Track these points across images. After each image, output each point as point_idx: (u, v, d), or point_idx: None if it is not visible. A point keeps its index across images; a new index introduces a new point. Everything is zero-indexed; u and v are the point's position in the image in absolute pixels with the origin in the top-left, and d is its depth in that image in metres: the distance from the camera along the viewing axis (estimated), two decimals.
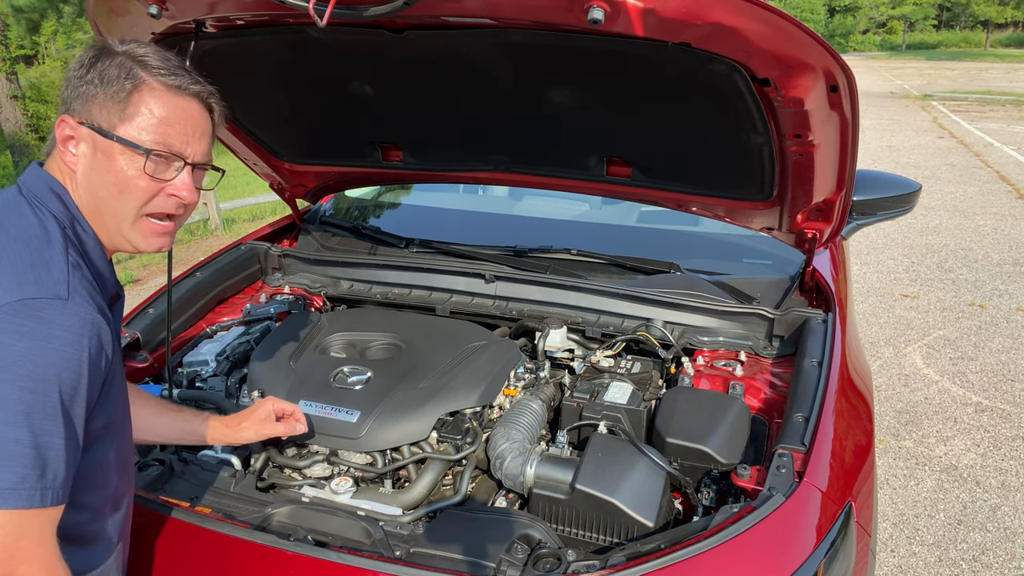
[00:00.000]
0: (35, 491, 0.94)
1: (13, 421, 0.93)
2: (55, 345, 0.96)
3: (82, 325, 0.99)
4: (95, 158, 1.09)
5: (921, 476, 3.41)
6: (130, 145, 1.08)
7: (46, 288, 0.98)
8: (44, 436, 0.95)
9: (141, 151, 1.09)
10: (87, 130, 1.09)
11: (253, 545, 1.34)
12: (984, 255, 6.57)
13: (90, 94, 1.08)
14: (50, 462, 0.96)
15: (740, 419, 1.71)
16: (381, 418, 1.69)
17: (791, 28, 1.34)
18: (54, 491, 0.96)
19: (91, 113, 1.08)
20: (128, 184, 1.10)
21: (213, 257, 2.55)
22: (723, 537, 1.27)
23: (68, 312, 0.98)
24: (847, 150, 1.67)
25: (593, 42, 1.51)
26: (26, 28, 11.97)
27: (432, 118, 2.08)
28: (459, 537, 1.41)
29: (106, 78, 1.08)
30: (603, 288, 2.20)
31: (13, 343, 0.93)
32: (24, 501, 0.93)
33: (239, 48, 1.84)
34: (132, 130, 1.08)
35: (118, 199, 1.11)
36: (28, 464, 0.93)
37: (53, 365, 0.95)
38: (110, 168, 1.09)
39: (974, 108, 17.20)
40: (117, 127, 1.08)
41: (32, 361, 0.94)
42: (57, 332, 0.96)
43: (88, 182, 1.10)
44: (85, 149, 1.10)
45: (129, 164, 1.09)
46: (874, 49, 50.10)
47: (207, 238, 7.76)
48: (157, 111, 1.10)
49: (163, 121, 1.10)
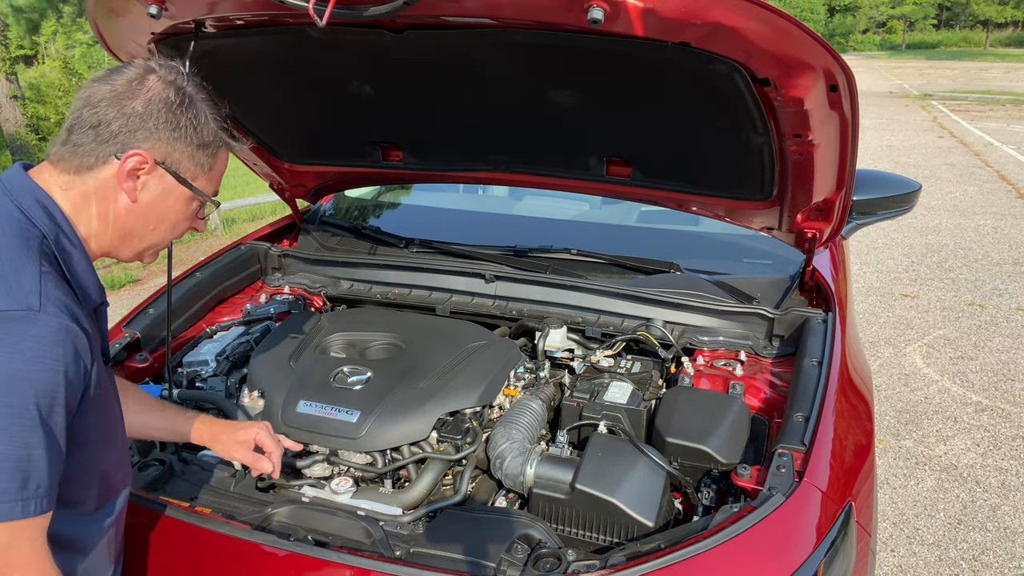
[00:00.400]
0: (17, 503, 0.94)
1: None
2: (27, 357, 0.95)
3: (55, 335, 0.98)
4: (162, 197, 1.16)
5: (921, 476, 3.41)
6: (204, 197, 1.21)
7: (16, 300, 0.97)
8: (24, 448, 0.95)
9: (211, 203, 1.23)
10: (163, 171, 1.14)
11: (253, 545, 1.34)
12: (984, 255, 6.57)
13: (179, 142, 1.14)
14: (32, 473, 0.96)
15: (740, 419, 1.71)
16: (381, 418, 1.69)
17: (791, 28, 1.34)
18: (37, 500, 0.96)
19: (175, 159, 1.14)
20: (180, 223, 1.22)
21: (213, 257, 2.55)
22: (723, 537, 1.27)
23: (40, 323, 0.97)
24: (847, 150, 1.67)
25: (593, 42, 1.51)
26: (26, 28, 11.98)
27: (432, 118, 2.08)
28: (459, 537, 1.41)
29: (197, 133, 1.15)
30: (603, 288, 2.20)
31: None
32: (6, 513, 0.94)
33: (239, 48, 1.84)
34: (206, 183, 1.21)
35: (165, 232, 1.21)
36: (8, 477, 0.94)
37: (27, 378, 0.95)
38: (172, 208, 1.18)
39: (974, 107, 17.20)
40: (198, 178, 1.19)
41: (5, 374, 0.93)
42: (29, 344, 0.96)
43: (145, 214, 1.16)
44: (153, 184, 1.14)
45: (189, 208, 1.21)
46: (874, 49, 50.10)
47: (207, 238, 7.76)
48: (221, 167, 1.24)
49: (220, 174, 1.25)
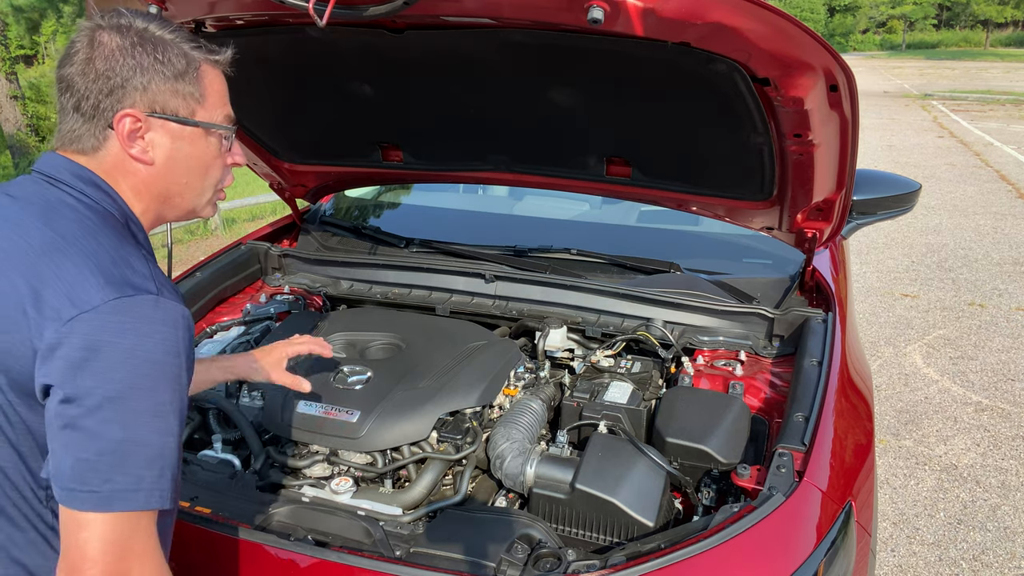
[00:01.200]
0: (153, 491, 0.93)
1: (127, 420, 0.91)
2: (157, 340, 0.94)
3: (176, 318, 0.97)
4: (176, 147, 1.08)
5: (921, 476, 3.41)
6: (215, 127, 1.11)
7: (137, 285, 0.96)
8: (161, 435, 0.93)
9: (226, 130, 1.13)
10: (159, 120, 1.06)
11: (253, 545, 1.34)
12: (984, 254, 6.57)
13: (154, 82, 1.04)
14: (167, 460, 0.94)
15: (740, 419, 1.71)
16: (381, 418, 1.69)
17: (791, 28, 1.34)
18: (171, 491, 0.95)
19: (161, 102, 1.05)
20: (211, 164, 1.13)
21: (213, 257, 2.55)
22: (723, 537, 1.27)
23: (161, 307, 0.96)
24: (847, 150, 1.66)
25: (593, 42, 1.51)
26: (26, 28, 11.97)
27: (432, 118, 2.08)
28: (459, 537, 1.41)
29: (168, 64, 1.05)
30: (603, 288, 2.20)
31: (117, 341, 0.91)
32: (141, 502, 0.92)
33: (239, 48, 1.83)
34: (209, 113, 1.11)
35: (202, 180, 1.13)
36: (146, 464, 0.92)
37: (158, 361, 0.93)
38: (194, 153, 1.10)
39: (974, 107, 17.20)
40: (197, 112, 1.09)
41: (139, 358, 0.92)
42: (157, 327, 0.94)
43: (169, 171, 1.09)
44: (159, 139, 1.07)
45: (210, 146, 1.12)
46: (874, 49, 50.10)
47: (207, 238, 7.76)
48: (218, 89, 1.12)
49: (223, 96, 1.14)
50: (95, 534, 0.91)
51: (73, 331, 0.91)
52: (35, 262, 0.96)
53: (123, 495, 0.91)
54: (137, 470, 0.92)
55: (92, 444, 0.90)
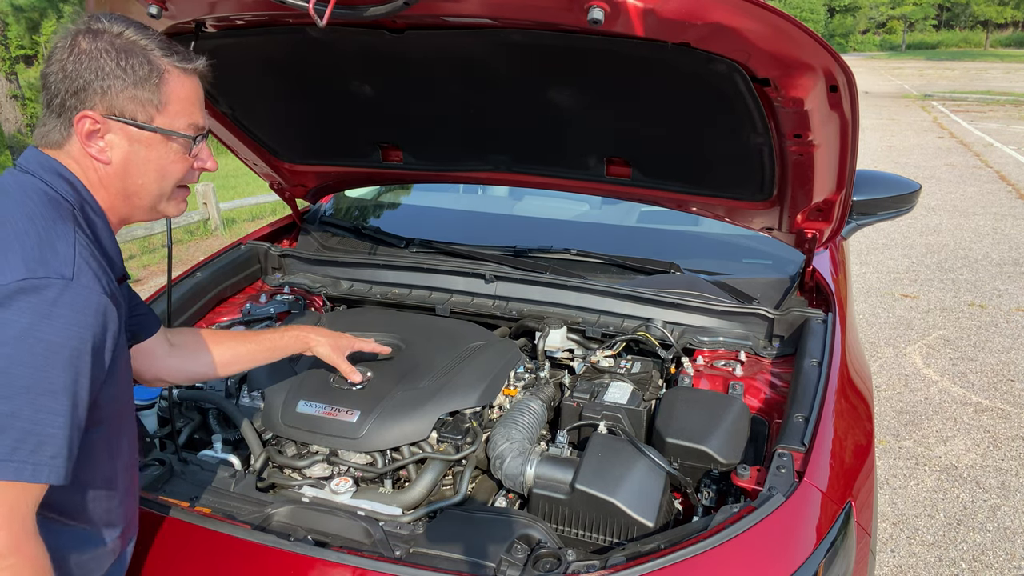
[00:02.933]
0: (25, 464, 0.94)
1: (10, 395, 0.93)
2: (59, 324, 0.96)
3: (86, 305, 0.99)
4: (132, 149, 1.13)
5: (921, 476, 3.41)
6: (173, 134, 1.15)
7: (52, 268, 0.98)
8: (42, 412, 0.95)
9: (185, 138, 1.16)
10: (118, 123, 1.11)
11: (253, 545, 1.34)
12: (984, 255, 6.57)
13: (113, 87, 1.09)
14: (47, 439, 0.96)
15: (740, 419, 1.71)
16: (381, 418, 1.69)
17: (791, 28, 1.34)
18: (50, 468, 0.96)
19: (119, 106, 1.10)
20: (168, 168, 1.17)
21: (213, 257, 2.55)
22: (723, 537, 1.27)
23: (72, 291, 0.98)
24: (847, 150, 1.66)
25: (593, 42, 1.51)
26: (26, 28, 11.96)
27: (432, 118, 2.08)
28: (459, 537, 1.41)
29: (129, 70, 1.10)
30: (603, 288, 2.20)
31: (16, 319, 0.94)
32: (11, 473, 0.93)
33: (239, 48, 1.84)
34: (169, 119, 1.14)
35: (159, 182, 1.17)
36: (20, 437, 0.94)
37: (56, 343, 0.96)
38: (150, 157, 1.14)
39: (974, 108, 17.20)
40: (155, 118, 1.13)
41: (34, 337, 0.94)
42: (62, 311, 0.97)
43: (126, 172, 1.14)
44: (117, 141, 1.12)
45: (169, 151, 1.16)
46: (874, 49, 50.11)
47: (207, 238, 7.76)
48: (183, 96, 1.16)
49: (190, 103, 1.17)
50: None
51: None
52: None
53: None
54: (12, 442, 0.94)
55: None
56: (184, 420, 1.88)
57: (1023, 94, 19.76)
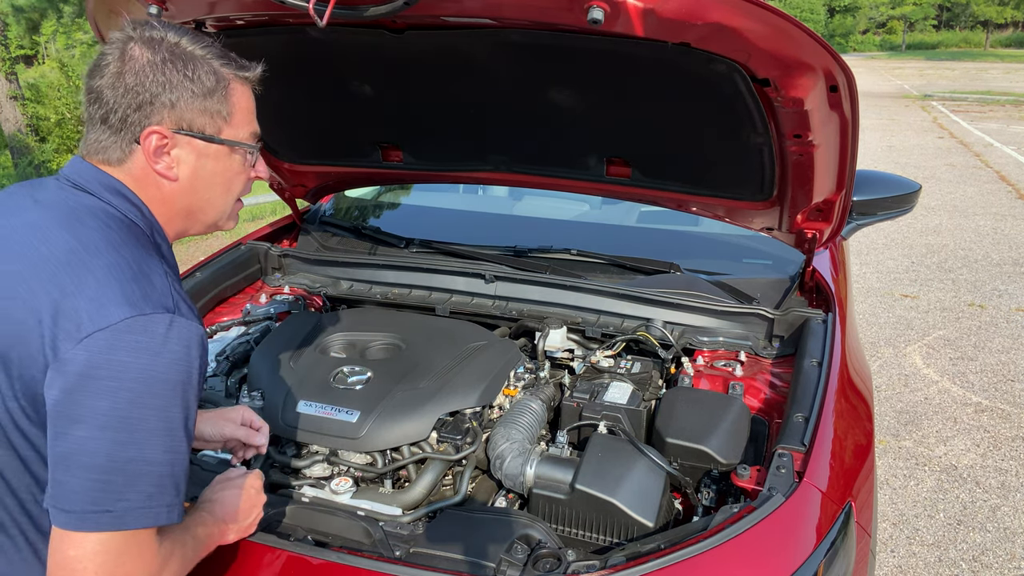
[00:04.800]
0: (161, 508, 0.94)
1: (139, 440, 0.92)
2: (169, 360, 0.94)
3: (190, 337, 0.98)
4: (200, 164, 1.10)
5: (921, 476, 3.41)
6: (240, 145, 1.13)
7: (154, 302, 0.96)
8: (170, 453, 0.95)
9: (251, 149, 1.15)
10: (185, 137, 1.08)
11: (253, 545, 1.34)
12: (984, 255, 6.57)
13: (182, 100, 1.05)
14: (176, 479, 0.96)
15: (740, 419, 1.71)
16: (381, 418, 1.69)
17: (791, 28, 1.34)
18: (177, 508, 0.97)
19: (188, 119, 1.07)
20: (233, 180, 1.16)
21: (213, 257, 2.55)
22: (723, 537, 1.27)
23: (177, 325, 0.96)
24: (847, 150, 1.66)
25: (593, 42, 1.51)
26: (26, 28, 11.96)
27: (432, 118, 2.08)
28: (459, 537, 1.41)
29: (196, 80, 1.06)
30: (603, 288, 2.20)
31: (131, 360, 0.92)
32: (151, 519, 0.93)
33: (239, 48, 1.82)
34: (235, 130, 1.12)
35: (224, 196, 1.16)
36: (155, 482, 0.93)
37: (170, 381, 0.94)
38: (216, 170, 1.12)
39: (974, 108, 17.20)
40: (223, 130, 1.11)
41: (151, 377, 0.93)
42: (172, 347, 0.95)
43: (193, 187, 1.11)
44: (184, 156, 1.09)
45: (233, 163, 1.14)
46: (874, 49, 50.11)
47: (207, 238, 7.75)
48: (245, 106, 1.14)
49: (250, 113, 1.16)
50: (86, 552, 0.91)
51: (87, 348, 0.91)
52: (56, 272, 0.96)
53: (135, 513, 0.92)
54: (147, 488, 0.93)
55: (102, 463, 0.90)
56: None
57: (1023, 94, 19.76)
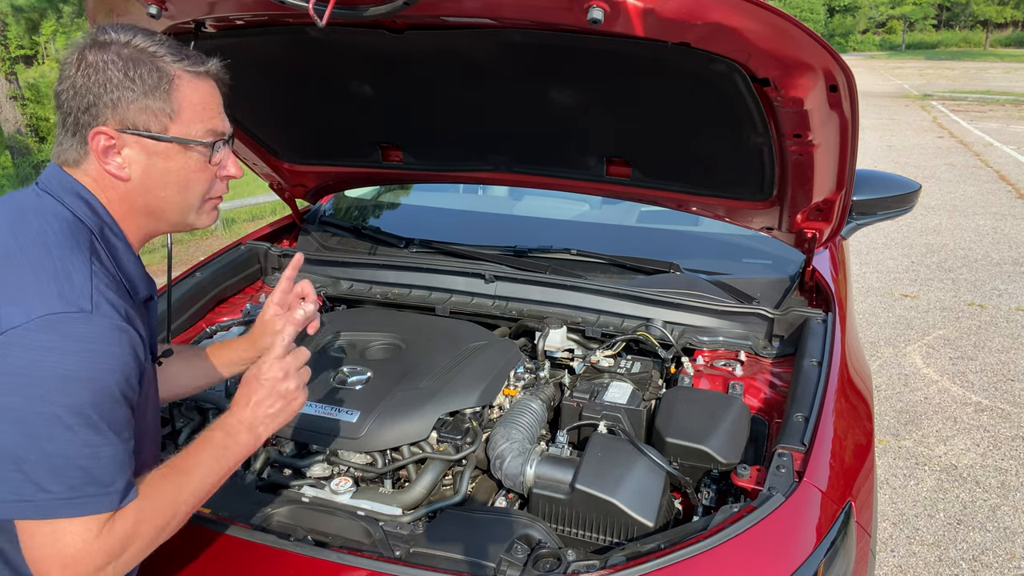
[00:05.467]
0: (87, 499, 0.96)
1: (54, 436, 0.93)
2: (83, 358, 0.95)
3: (108, 335, 0.98)
4: (151, 162, 1.09)
5: (921, 476, 3.41)
6: (189, 143, 1.10)
7: (69, 301, 0.96)
8: (89, 447, 0.95)
9: (203, 145, 1.12)
10: (132, 136, 1.07)
11: (253, 545, 1.34)
12: (984, 255, 6.57)
13: (123, 99, 1.06)
14: (104, 469, 0.97)
15: (740, 419, 1.71)
16: (381, 418, 1.69)
17: (791, 28, 1.34)
18: (110, 496, 0.98)
19: (131, 119, 1.07)
20: (191, 179, 1.13)
21: (213, 257, 2.55)
22: (723, 537, 1.27)
23: (93, 324, 0.97)
24: (847, 150, 1.67)
25: (593, 42, 1.51)
26: (26, 28, 11.96)
27: (432, 118, 2.08)
28: (459, 537, 1.41)
29: (138, 80, 1.06)
30: (603, 288, 2.20)
31: (41, 359, 0.93)
32: (76, 510, 0.95)
33: (239, 48, 1.84)
34: (184, 127, 1.10)
35: (183, 194, 1.13)
36: (77, 475, 0.95)
37: (82, 378, 0.94)
38: (169, 168, 1.10)
39: (974, 108, 17.20)
40: (170, 128, 1.09)
41: (59, 375, 0.93)
42: (85, 345, 0.95)
43: (145, 185, 1.10)
44: (135, 155, 1.09)
45: (189, 160, 1.11)
46: (874, 49, 50.11)
47: (207, 238, 7.75)
48: (196, 101, 1.11)
49: (205, 109, 1.12)
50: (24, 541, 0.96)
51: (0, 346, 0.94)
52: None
53: (58, 504, 0.95)
54: (71, 480, 0.95)
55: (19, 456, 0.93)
56: (184, 420, 1.88)
57: (1023, 94, 19.76)
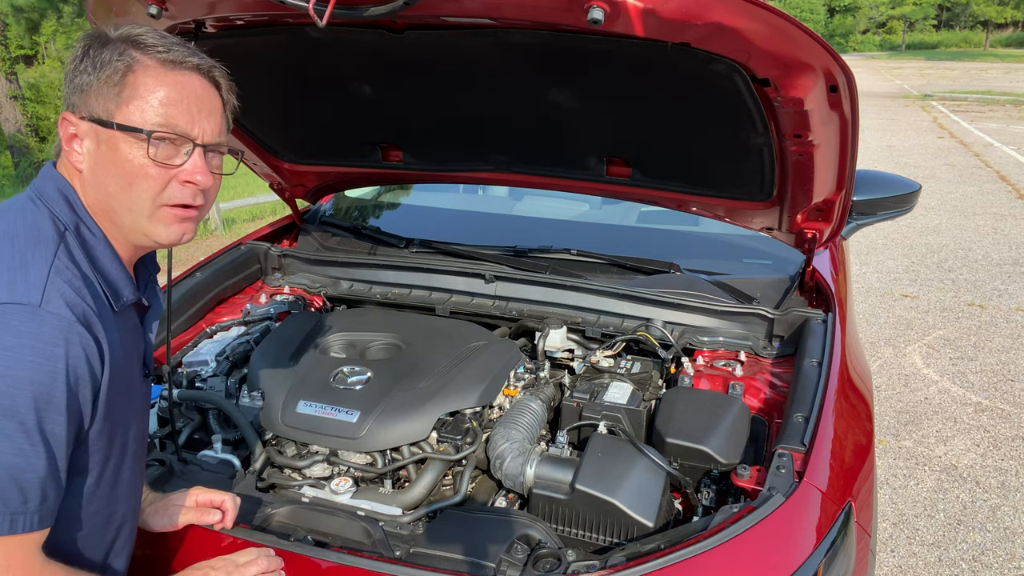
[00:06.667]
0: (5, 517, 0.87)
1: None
2: (20, 355, 0.87)
3: (55, 334, 0.89)
4: (99, 151, 1.00)
5: (921, 476, 3.41)
6: (131, 130, 0.99)
7: (17, 293, 0.89)
8: (18, 457, 0.87)
9: (143, 134, 0.99)
10: (88, 124, 1.00)
11: (253, 545, 1.33)
12: (984, 255, 6.57)
13: (86, 84, 1.00)
14: (28, 484, 0.88)
15: (740, 419, 1.71)
16: (381, 418, 1.69)
17: (791, 28, 1.34)
18: (28, 516, 0.89)
19: (89, 105, 1.00)
20: (137, 174, 1.00)
21: (213, 257, 2.55)
22: (723, 537, 1.27)
23: (38, 319, 0.89)
24: (847, 150, 1.67)
25: (593, 42, 1.51)
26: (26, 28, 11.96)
27: (432, 118, 2.08)
28: (459, 537, 1.41)
29: (99, 64, 0.99)
30: (603, 288, 2.20)
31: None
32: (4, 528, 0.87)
33: (239, 48, 1.84)
34: (131, 114, 0.99)
35: (128, 192, 1.01)
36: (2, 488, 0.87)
37: (20, 378, 0.86)
38: (115, 159, 1.00)
39: (974, 108, 17.20)
40: (115, 114, 0.99)
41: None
42: (25, 341, 0.88)
43: (96, 178, 1.01)
44: (89, 145, 1.01)
45: (134, 152, 0.99)
46: (874, 49, 50.11)
47: (207, 238, 7.75)
48: (155, 90, 1.00)
49: (163, 101, 1.00)
50: None
51: None
52: None
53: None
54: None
55: None
56: (184, 420, 1.88)
57: (1023, 94, 19.76)
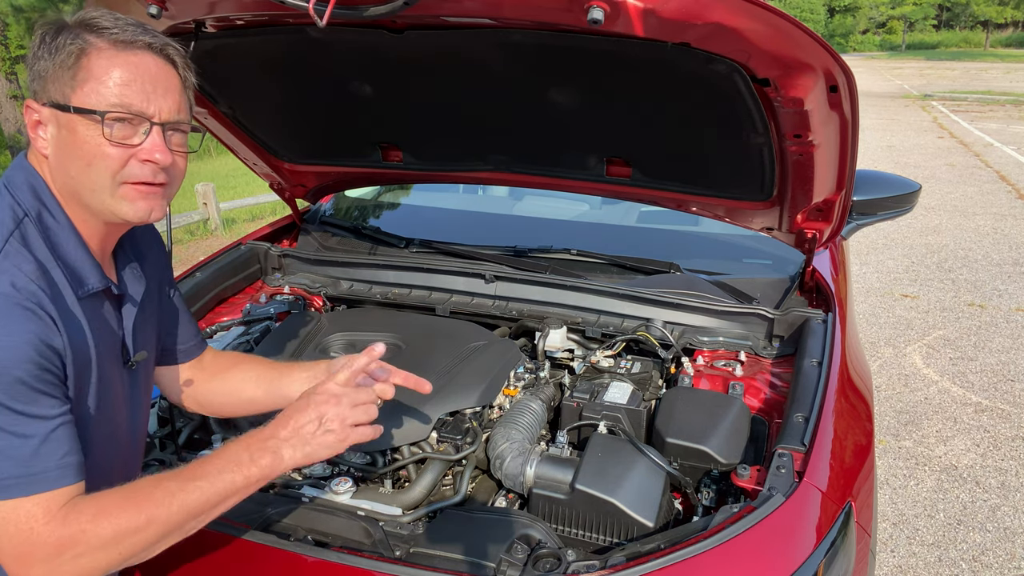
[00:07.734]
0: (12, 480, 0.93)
1: None
2: None
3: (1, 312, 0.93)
4: (60, 136, 1.04)
5: (921, 476, 3.41)
6: (87, 112, 1.02)
7: None
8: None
9: (96, 115, 1.02)
10: (48, 109, 1.04)
11: (253, 545, 1.34)
12: (984, 255, 6.57)
13: (44, 70, 1.03)
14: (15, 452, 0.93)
15: (740, 419, 1.71)
16: (381, 418, 1.68)
17: (791, 28, 1.34)
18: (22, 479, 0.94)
19: (48, 90, 1.04)
20: (95, 154, 1.03)
21: (213, 257, 2.55)
22: (723, 537, 1.27)
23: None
24: (847, 150, 1.67)
25: (593, 42, 1.51)
26: (26, 28, 11.95)
27: (432, 118, 2.08)
28: (459, 537, 1.41)
29: (54, 49, 1.02)
30: (603, 288, 2.20)
31: None
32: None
33: (239, 48, 1.84)
34: (87, 97, 1.02)
35: (88, 172, 1.04)
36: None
37: None
38: (75, 142, 1.03)
39: (974, 108, 17.21)
40: (71, 97, 1.02)
41: None
42: None
43: (59, 162, 1.05)
44: (52, 130, 1.05)
45: (91, 133, 1.03)
46: (874, 49, 50.13)
47: (207, 238, 7.75)
48: (109, 71, 1.03)
49: (117, 81, 1.03)
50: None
51: None
52: None
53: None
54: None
55: None
56: (184, 420, 1.88)
57: (1023, 94, 19.76)
